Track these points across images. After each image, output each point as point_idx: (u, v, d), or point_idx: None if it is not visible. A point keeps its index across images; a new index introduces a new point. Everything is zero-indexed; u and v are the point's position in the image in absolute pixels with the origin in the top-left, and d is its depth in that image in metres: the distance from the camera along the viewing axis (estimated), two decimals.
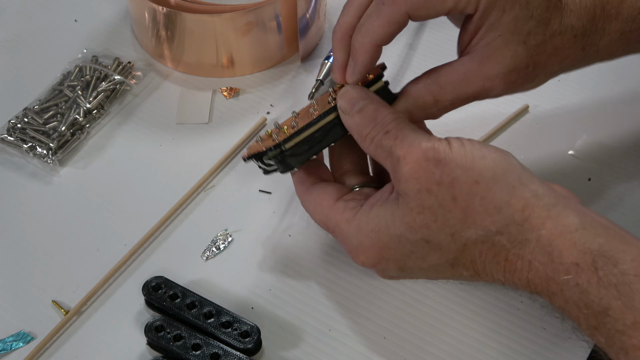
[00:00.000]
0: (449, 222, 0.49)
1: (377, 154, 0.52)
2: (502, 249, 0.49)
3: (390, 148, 0.51)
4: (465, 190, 0.48)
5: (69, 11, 0.83)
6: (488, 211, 0.48)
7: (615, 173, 0.68)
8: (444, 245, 0.50)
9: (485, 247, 0.49)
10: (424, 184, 0.49)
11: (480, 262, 0.50)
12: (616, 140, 0.70)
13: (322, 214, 0.55)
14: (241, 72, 0.76)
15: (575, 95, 0.74)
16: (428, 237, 0.50)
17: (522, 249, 0.48)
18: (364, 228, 0.52)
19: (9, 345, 0.57)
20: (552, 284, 0.47)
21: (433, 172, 0.49)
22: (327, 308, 0.59)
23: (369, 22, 0.53)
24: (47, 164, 0.68)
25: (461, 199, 0.49)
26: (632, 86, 0.75)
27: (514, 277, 0.49)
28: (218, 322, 0.56)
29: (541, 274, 0.48)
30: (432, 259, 0.51)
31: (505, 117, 0.72)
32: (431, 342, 0.57)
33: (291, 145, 0.54)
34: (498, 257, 0.49)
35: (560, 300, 0.47)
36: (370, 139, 0.52)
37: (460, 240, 0.49)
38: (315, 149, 0.55)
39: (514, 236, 0.48)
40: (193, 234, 0.64)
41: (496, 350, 0.57)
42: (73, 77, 0.73)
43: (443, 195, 0.49)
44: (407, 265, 0.52)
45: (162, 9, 0.72)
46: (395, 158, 0.50)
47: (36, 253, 0.62)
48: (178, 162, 0.69)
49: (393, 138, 0.51)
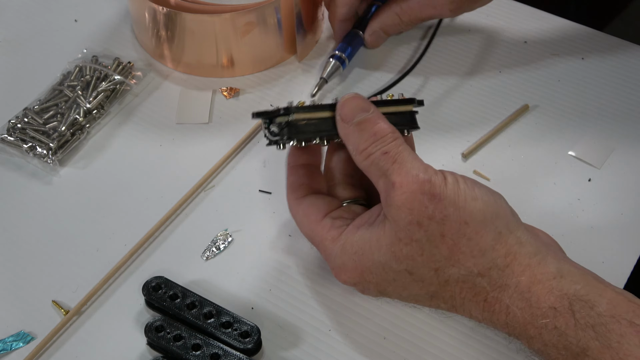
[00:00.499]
0: (435, 258, 0.51)
1: (371, 171, 0.53)
2: (482, 290, 0.51)
3: (387, 171, 0.51)
4: (454, 229, 0.50)
5: (69, 11, 0.83)
6: (473, 253, 0.50)
7: (615, 173, 0.68)
8: (426, 279, 0.52)
9: (466, 286, 0.51)
10: (415, 216, 0.50)
11: (460, 299, 0.52)
12: (616, 140, 0.70)
13: (308, 227, 0.57)
14: (241, 72, 0.76)
15: (575, 95, 0.74)
16: (412, 269, 0.51)
17: (501, 292, 0.50)
18: (348, 249, 0.53)
19: (9, 345, 0.57)
20: (530, 328, 0.49)
21: (427, 206, 0.50)
22: (327, 308, 0.59)
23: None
24: (47, 164, 0.68)
25: (449, 236, 0.50)
26: (632, 86, 0.75)
27: (492, 317, 0.51)
28: (218, 322, 0.56)
29: (519, 318, 0.50)
30: (412, 289, 0.53)
31: (505, 117, 0.72)
32: (431, 342, 0.57)
33: (299, 117, 0.53)
34: (477, 297, 0.51)
35: (539, 344, 0.49)
36: (367, 154, 0.52)
37: (442, 276, 0.51)
38: (321, 134, 0.54)
39: (494, 280, 0.50)
40: (193, 234, 0.64)
41: (496, 351, 0.57)
42: (73, 77, 0.73)
43: (432, 231, 0.50)
44: (387, 290, 0.54)
45: (162, 9, 0.72)
46: (390, 183, 0.51)
47: (36, 253, 0.62)
48: (178, 162, 0.69)
49: (391, 161, 0.51)
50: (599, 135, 0.71)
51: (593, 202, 0.66)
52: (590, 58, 0.78)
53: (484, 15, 0.82)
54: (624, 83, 0.75)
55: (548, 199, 0.66)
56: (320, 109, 0.54)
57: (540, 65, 0.77)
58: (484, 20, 0.81)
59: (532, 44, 0.79)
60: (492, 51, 0.78)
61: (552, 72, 0.76)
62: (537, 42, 0.79)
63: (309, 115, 0.54)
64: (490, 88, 0.75)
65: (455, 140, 0.70)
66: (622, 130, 0.71)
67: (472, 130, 0.71)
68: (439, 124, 0.72)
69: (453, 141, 0.70)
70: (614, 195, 0.66)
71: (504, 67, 0.77)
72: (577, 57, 0.78)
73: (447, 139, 0.70)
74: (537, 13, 0.82)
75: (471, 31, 0.80)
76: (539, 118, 0.72)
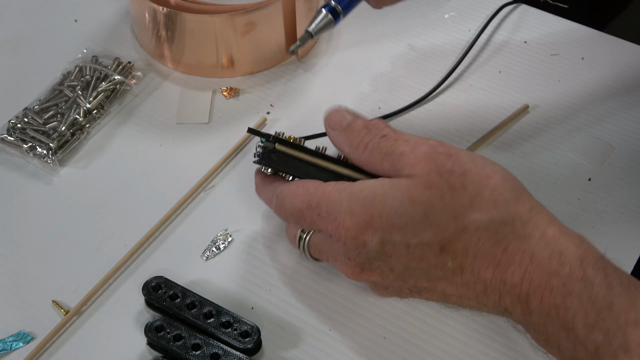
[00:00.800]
0: (455, 205, 0.49)
1: (372, 158, 0.52)
2: (503, 239, 0.48)
3: (391, 147, 0.51)
4: (476, 181, 0.49)
5: (69, 11, 0.83)
6: (496, 202, 0.49)
7: (616, 173, 0.68)
8: (442, 225, 0.49)
9: (486, 234, 0.48)
10: (434, 168, 0.49)
11: (473, 252, 0.49)
12: (616, 140, 0.70)
13: (305, 193, 0.53)
14: (241, 72, 0.76)
15: (575, 95, 0.74)
16: (429, 213, 0.49)
17: (525, 242, 0.48)
18: (357, 194, 0.51)
19: (9, 345, 0.57)
20: (553, 278, 0.47)
21: (445, 162, 0.50)
22: (327, 308, 0.59)
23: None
24: (47, 164, 0.68)
25: (471, 187, 0.49)
26: (632, 86, 0.75)
27: (505, 273, 0.48)
28: (218, 322, 0.56)
29: (543, 267, 0.47)
30: (424, 235, 0.49)
31: (505, 117, 0.72)
32: (431, 342, 0.57)
33: (281, 149, 0.56)
34: (497, 246, 0.48)
35: (559, 296, 0.46)
36: (364, 144, 0.53)
37: (461, 223, 0.48)
38: (296, 171, 0.56)
39: (517, 230, 0.48)
40: (193, 234, 0.64)
41: (497, 351, 0.57)
42: (73, 77, 0.73)
43: (454, 181, 0.49)
44: (392, 240, 0.50)
45: (162, 9, 0.72)
46: (398, 153, 0.51)
47: (36, 253, 0.62)
48: (178, 162, 0.69)
49: (393, 140, 0.52)
50: (599, 135, 0.71)
51: (593, 202, 0.66)
52: (590, 58, 0.78)
53: (484, 15, 0.82)
54: (624, 83, 0.75)
55: (548, 199, 0.65)
56: (302, 150, 0.56)
57: (540, 65, 0.77)
58: (484, 20, 0.81)
59: (532, 44, 0.79)
60: (492, 51, 0.78)
61: (552, 72, 0.76)
62: (537, 42, 0.79)
63: (290, 151, 0.56)
64: (490, 88, 0.75)
65: (455, 139, 0.70)
66: (622, 130, 0.71)
67: (472, 130, 0.71)
68: (439, 124, 0.72)
69: (453, 141, 0.70)
70: (614, 195, 0.66)
71: (504, 67, 0.77)
72: (577, 57, 0.78)
73: (447, 139, 0.70)
74: (537, 13, 0.82)
75: (471, 31, 0.80)
76: (539, 118, 0.72)
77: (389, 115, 0.72)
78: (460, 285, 0.50)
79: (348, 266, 0.52)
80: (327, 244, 0.54)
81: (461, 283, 0.50)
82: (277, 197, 0.56)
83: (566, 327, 0.46)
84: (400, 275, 0.51)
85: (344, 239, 0.51)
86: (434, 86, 0.74)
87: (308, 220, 0.54)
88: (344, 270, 0.53)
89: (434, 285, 0.51)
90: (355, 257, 0.52)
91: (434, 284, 0.51)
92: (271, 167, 0.56)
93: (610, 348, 0.45)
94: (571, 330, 0.46)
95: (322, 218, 0.53)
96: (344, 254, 0.52)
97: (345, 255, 0.52)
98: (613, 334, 0.44)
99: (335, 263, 0.54)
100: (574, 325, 0.46)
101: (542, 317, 0.47)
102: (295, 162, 0.56)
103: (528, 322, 0.49)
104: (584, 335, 0.46)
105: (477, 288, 0.50)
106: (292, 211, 0.55)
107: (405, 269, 0.51)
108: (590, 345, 0.45)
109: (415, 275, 0.51)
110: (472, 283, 0.49)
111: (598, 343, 0.45)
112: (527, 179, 0.67)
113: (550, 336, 0.48)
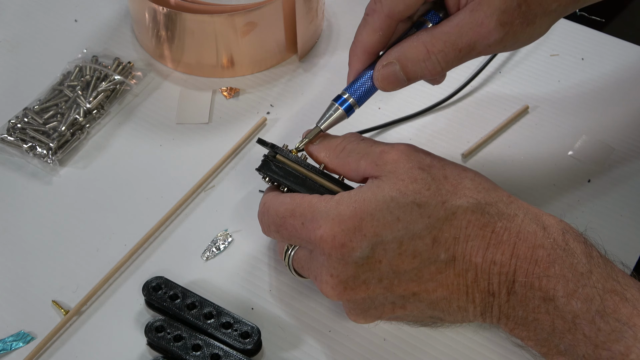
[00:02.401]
0: (441, 192, 0.50)
1: (349, 159, 0.54)
2: (490, 220, 0.50)
3: (369, 148, 0.54)
4: (455, 173, 0.52)
5: (69, 11, 0.83)
6: (478, 189, 0.51)
7: (615, 175, 0.68)
8: (433, 212, 0.50)
9: (474, 216, 0.50)
10: (415, 163, 0.51)
11: (463, 238, 0.50)
12: (616, 141, 0.70)
13: (290, 202, 0.53)
14: (241, 72, 0.76)
15: (575, 96, 0.74)
16: (420, 201, 0.50)
17: (511, 221, 0.50)
18: (345, 200, 0.51)
19: (9, 345, 0.57)
20: (539, 250, 0.49)
21: (424, 158, 0.52)
22: (327, 309, 0.59)
23: (358, 33, 0.55)
24: (47, 164, 0.68)
25: (452, 178, 0.51)
26: (632, 87, 0.75)
27: (496, 253, 0.49)
28: (218, 323, 0.56)
29: (529, 241, 0.49)
30: (417, 226, 0.49)
31: (505, 118, 0.72)
32: (430, 344, 0.57)
33: (281, 160, 0.56)
34: (485, 229, 0.50)
35: (543, 266, 0.48)
36: (342, 147, 0.55)
37: (450, 208, 0.50)
38: (291, 183, 0.56)
39: (502, 209, 0.51)
40: (193, 234, 0.64)
41: (497, 354, 0.57)
42: (73, 77, 0.73)
43: (435, 173, 0.51)
44: (383, 241, 0.49)
45: (162, 9, 0.72)
46: (378, 152, 0.53)
47: (36, 253, 0.62)
48: (178, 162, 0.69)
49: (371, 143, 0.55)
50: (599, 136, 0.71)
51: (593, 203, 0.66)
52: (590, 58, 0.78)
53: None
54: (624, 83, 0.75)
55: (548, 200, 0.66)
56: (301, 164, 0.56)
57: (540, 65, 0.77)
58: None
59: (532, 44, 0.79)
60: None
61: (552, 72, 0.76)
62: (537, 42, 0.79)
63: (288, 163, 0.56)
64: (490, 88, 0.75)
65: (455, 140, 0.70)
66: (622, 130, 0.71)
67: (472, 130, 0.71)
68: (439, 124, 0.72)
69: (453, 141, 0.70)
70: (614, 197, 0.66)
71: (504, 67, 0.77)
72: (577, 57, 0.78)
73: (447, 139, 0.70)
74: None
75: None
76: (539, 119, 0.72)
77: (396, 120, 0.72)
78: (452, 278, 0.51)
79: (329, 284, 0.51)
80: (309, 259, 0.53)
81: (453, 275, 0.51)
82: (264, 205, 0.55)
83: (547, 298, 0.48)
84: (389, 284, 0.51)
85: (328, 249, 0.50)
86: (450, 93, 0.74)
87: (289, 229, 0.53)
88: (325, 290, 0.51)
89: (423, 288, 0.51)
90: (339, 272, 0.50)
91: (424, 285, 0.51)
92: (268, 176, 0.56)
93: (588, 314, 0.47)
94: (551, 301, 0.48)
95: (305, 228, 0.51)
96: (326, 269, 0.51)
97: (327, 271, 0.51)
98: (591, 300, 0.47)
99: (316, 281, 0.53)
100: (555, 294, 0.48)
101: (524, 293, 0.49)
102: (292, 174, 0.56)
103: (510, 305, 0.50)
104: (563, 304, 0.48)
105: (468, 277, 0.51)
106: (275, 218, 0.54)
107: (395, 274, 0.51)
108: (568, 314, 0.48)
109: (406, 278, 0.51)
110: (464, 272, 0.50)
111: (576, 311, 0.47)
112: (527, 180, 0.67)
113: (529, 315, 0.49)
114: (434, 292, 0.51)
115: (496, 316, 0.52)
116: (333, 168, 0.56)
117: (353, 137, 0.56)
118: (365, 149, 0.54)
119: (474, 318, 0.53)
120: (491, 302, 0.51)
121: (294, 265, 0.55)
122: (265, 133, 0.71)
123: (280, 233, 0.54)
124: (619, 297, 0.47)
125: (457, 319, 0.53)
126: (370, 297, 0.52)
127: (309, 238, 0.51)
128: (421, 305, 0.52)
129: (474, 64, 0.76)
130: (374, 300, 0.52)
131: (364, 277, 0.50)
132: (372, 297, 0.51)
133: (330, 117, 0.57)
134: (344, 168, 0.55)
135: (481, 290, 0.51)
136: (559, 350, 0.49)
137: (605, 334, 0.46)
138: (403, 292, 0.51)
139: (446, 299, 0.51)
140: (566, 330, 0.48)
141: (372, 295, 0.51)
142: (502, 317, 0.51)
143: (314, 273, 0.53)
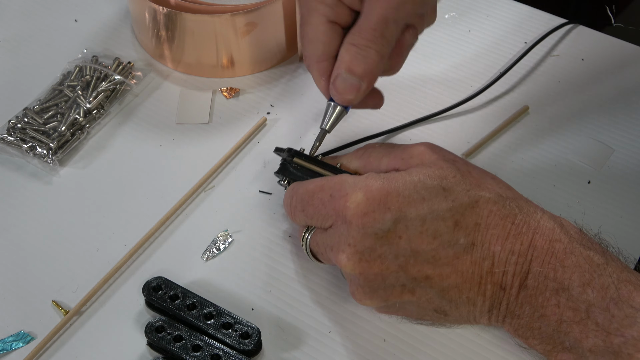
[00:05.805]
0: (466, 182, 0.52)
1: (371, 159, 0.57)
2: (510, 212, 0.52)
3: (391, 147, 0.56)
4: (478, 171, 0.54)
5: (69, 11, 0.83)
6: (499, 185, 0.54)
7: (615, 176, 0.68)
8: (458, 196, 0.51)
9: (496, 207, 0.52)
10: (440, 156, 0.54)
11: (484, 226, 0.51)
12: (616, 142, 0.70)
13: (321, 180, 0.55)
14: (241, 72, 0.76)
15: (575, 96, 0.74)
16: (445, 185, 0.52)
17: (530, 217, 0.52)
18: (374, 176, 0.53)
19: (9, 345, 0.57)
20: (556, 243, 0.50)
21: (447, 153, 0.55)
22: (327, 310, 0.59)
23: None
24: (47, 164, 0.68)
25: (475, 174, 0.54)
26: (632, 87, 0.75)
27: (515, 243, 0.50)
28: (218, 323, 0.56)
29: (547, 235, 0.51)
30: (440, 206, 0.51)
31: (505, 118, 0.72)
32: (430, 345, 0.57)
33: (298, 162, 0.58)
34: (506, 219, 0.51)
35: (560, 257, 0.50)
36: (362, 151, 0.58)
37: (474, 197, 0.52)
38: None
39: (522, 205, 0.52)
40: (193, 234, 0.64)
41: (496, 355, 0.57)
42: (73, 77, 0.73)
43: (460, 166, 0.54)
44: (407, 217, 0.50)
45: (162, 9, 0.72)
46: (401, 148, 0.56)
47: (36, 253, 0.62)
48: (178, 162, 0.69)
49: (390, 144, 0.58)
50: (599, 137, 0.71)
51: (593, 204, 0.66)
52: (590, 58, 0.78)
53: (484, 15, 0.82)
54: (624, 83, 0.75)
55: (548, 201, 0.65)
56: (318, 164, 0.58)
57: (540, 65, 0.77)
58: (484, 20, 0.81)
59: (532, 44, 0.79)
60: (492, 51, 0.78)
61: (552, 73, 0.76)
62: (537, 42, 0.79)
63: (306, 164, 0.58)
64: (490, 89, 0.75)
65: (455, 141, 0.70)
66: (622, 131, 0.71)
67: (472, 131, 0.71)
68: (439, 125, 0.72)
69: (453, 142, 0.70)
70: (614, 198, 0.66)
71: (504, 67, 0.77)
72: (577, 57, 0.78)
73: (447, 140, 0.70)
74: (537, 13, 0.82)
75: (471, 31, 0.80)
76: (539, 120, 0.72)
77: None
78: (467, 266, 0.51)
79: (345, 253, 0.51)
80: (328, 236, 0.54)
81: (469, 262, 0.51)
82: (292, 189, 0.57)
83: (561, 289, 0.49)
84: (404, 263, 0.51)
85: (350, 216, 0.51)
86: (466, 98, 0.74)
87: (316, 204, 0.54)
88: (340, 259, 0.52)
89: (438, 273, 0.51)
90: (357, 242, 0.51)
91: (439, 270, 0.51)
92: (288, 178, 0.59)
93: (602, 302, 0.48)
94: (565, 291, 0.49)
95: (333, 199, 0.53)
96: (345, 238, 0.52)
97: (346, 240, 0.52)
98: (606, 289, 0.48)
99: (332, 253, 0.53)
100: (570, 284, 0.49)
101: (536, 285, 0.50)
102: (310, 173, 0.58)
103: (518, 303, 0.51)
104: (578, 294, 0.49)
105: (484, 266, 0.51)
106: (303, 196, 0.55)
107: (412, 252, 0.51)
108: (582, 303, 0.49)
109: (422, 259, 0.51)
110: (481, 260, 0.51)
111: (591, 300, 0.48)
112: (527, 181, 0.67)
113: (535, 311, 0.50)
114: (447, 277, 0.51)
115: (502, 314, 0.52)
116: (354, 169, 0.58)
117: (371, 144, 0.59)
118: (387, 149, 0.57)
119: (480, 315, 0.53)
120: (500, 297, 0.51)
121: (312, 246, 0.57)
122: (265, 133, 0.71)
123: (305, 211, 0.55)
124: (634, 286, 0.48)
125: (462, 314, 0.53)
126: (383, 275, 0.52)
127: (334, 208, 0.53)
128: (431, 292, 0.52)
129: (485, 74, 0.76)
130: (385, 279, 0.52)
131: (380, 251, 0.51)
132: (384, 274, 0.52)
133: (331, 117, 0.59)
134: (365, 168, 0.57)
135: (494, 282, 0.51)
136: (563, 347, 0.50)
137: (619, 319, 0.47)
138: (416, 274, 0.51)
139: (457, 288, 0.52)
140: (575, 322, 0.49)
141: (385, 272, 0.51)
142: (508, 315, 0.52)
143: (331, 244, 0.53)
